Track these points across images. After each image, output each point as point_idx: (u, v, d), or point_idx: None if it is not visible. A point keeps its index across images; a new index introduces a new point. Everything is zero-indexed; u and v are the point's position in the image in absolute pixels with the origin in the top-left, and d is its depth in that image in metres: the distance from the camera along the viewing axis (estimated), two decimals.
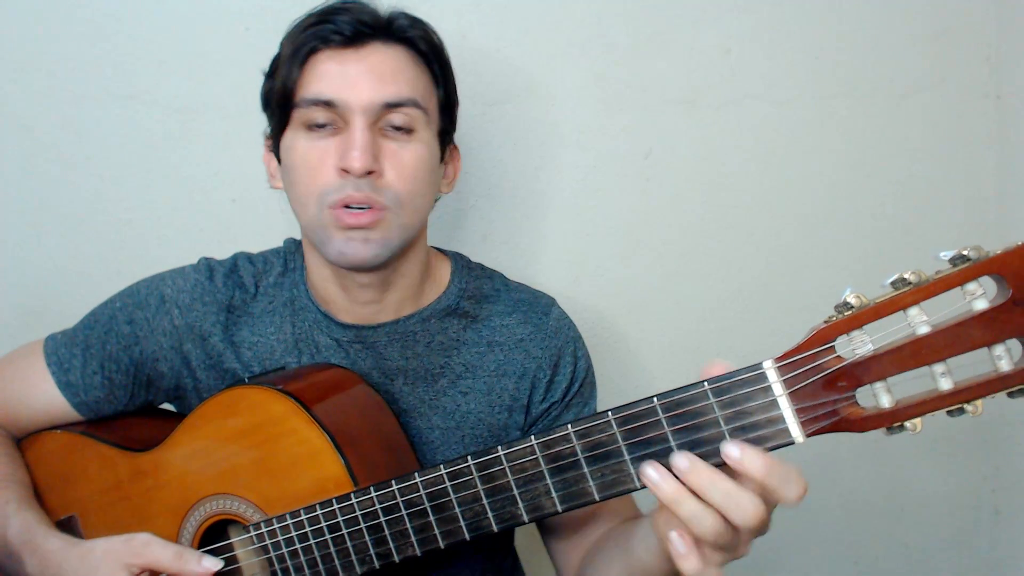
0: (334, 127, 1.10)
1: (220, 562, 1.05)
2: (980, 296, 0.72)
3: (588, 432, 0.85)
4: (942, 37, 1.77)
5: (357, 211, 1.09)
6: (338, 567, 1.01)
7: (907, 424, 0.76)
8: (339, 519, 0.99)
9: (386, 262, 1.14)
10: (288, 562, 1.04)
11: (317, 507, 1.01)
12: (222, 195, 1.64)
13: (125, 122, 1.60)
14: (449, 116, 1.21)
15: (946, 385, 0.74)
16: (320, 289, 1.23)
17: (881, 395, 0.76)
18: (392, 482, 0.96)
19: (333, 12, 1.12)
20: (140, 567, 1.04)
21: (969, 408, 0.74)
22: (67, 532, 1.23)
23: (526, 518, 0.90)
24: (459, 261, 1.31)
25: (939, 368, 0.74)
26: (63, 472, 1.26)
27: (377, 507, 0.97)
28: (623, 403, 0.85)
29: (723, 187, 1.76)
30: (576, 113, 1.69)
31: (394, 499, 0.96)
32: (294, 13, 1.17)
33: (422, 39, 1.16)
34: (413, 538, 0.96)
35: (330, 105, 1.09)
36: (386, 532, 0.97)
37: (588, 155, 1.71)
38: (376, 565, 0.98)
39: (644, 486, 0.83)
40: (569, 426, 0.85)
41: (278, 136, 1.16)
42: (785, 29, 1.72)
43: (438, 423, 1.21)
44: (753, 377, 0.79)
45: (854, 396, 0.77)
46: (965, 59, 1.79)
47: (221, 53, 1.58)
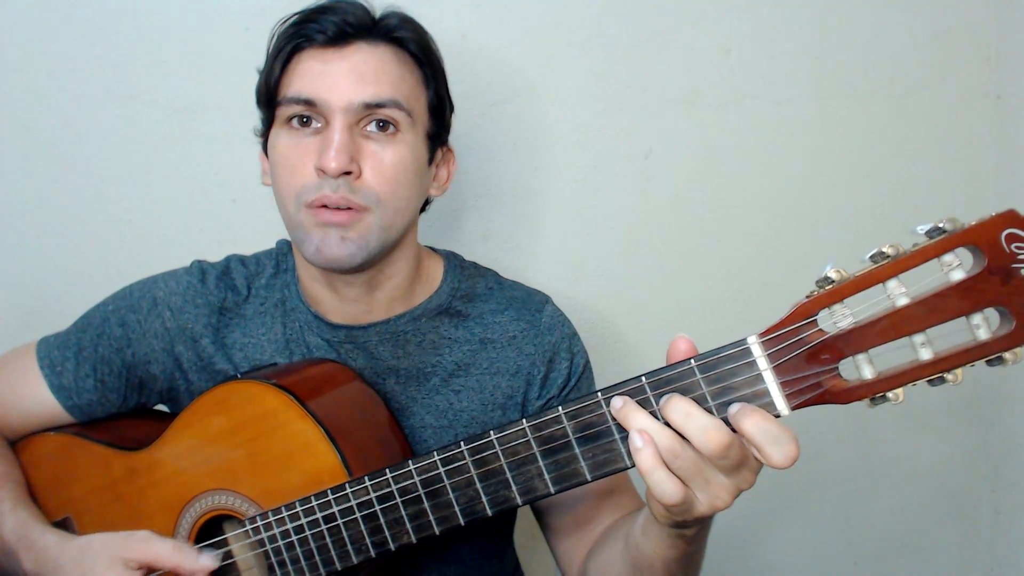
0: (316, 126, 1.10)
1: (218, 558, 1.05)
2: (957, 267, 0.73)
3: (579, 413, 0.86)
4: (942, 37, 1.77)
5: (334, 209, 1.09)
6: (334, 557, 1.01)
7: (889, 395, 0.77)
8: (334, 509, 1.00)
9: (365, 263, 1.13)
10: (284, 554, 1.04)
11: (312, 499, 1.01)
12: (222, 195, 1.64)
13: (125, 122, 1.60)
14: (440, 118, 1.20)
15: (926, 355, 0.75)
16: (310, 289, 1.23)
17: (863, 367, 0.77)
18: (386, 470, 0.96)
19: (321, 11, 1.12)
20: (138, 563, 1.04)
21: (949, 377, 0.75)
22: None
23: (519, 501, 0.91)
24: (452, 260, 1.30)
25: (919, 339, 0.75)
26: (57, 474, 1.25)
27: (372, 496, 0.97)
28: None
29: (723, 187, 1.76)
30: (576, 113, 1.69)
31: (388, 487, 0.96)
32: (289, 14, 1.17)
33: (411, 39, 1.15)
34: (408, 525, 0.96)
35: (310, 104, 1.09)
36: (381, 520, 0.97)
37: (588, 155, 1.71)
38: (372, 553, 0.99)
39: (634, 465, 0.84)
40: (560, 408, 0.86)
41: (266, 133, 1.17)
42: (785, 29, 1.73)
43: (431, 422, 1.21)
44: (738, 352, 0.80)
45: (837, 368, 0.78)
46: (965, 59, 1.79)
47: (221, 53, 1.58)
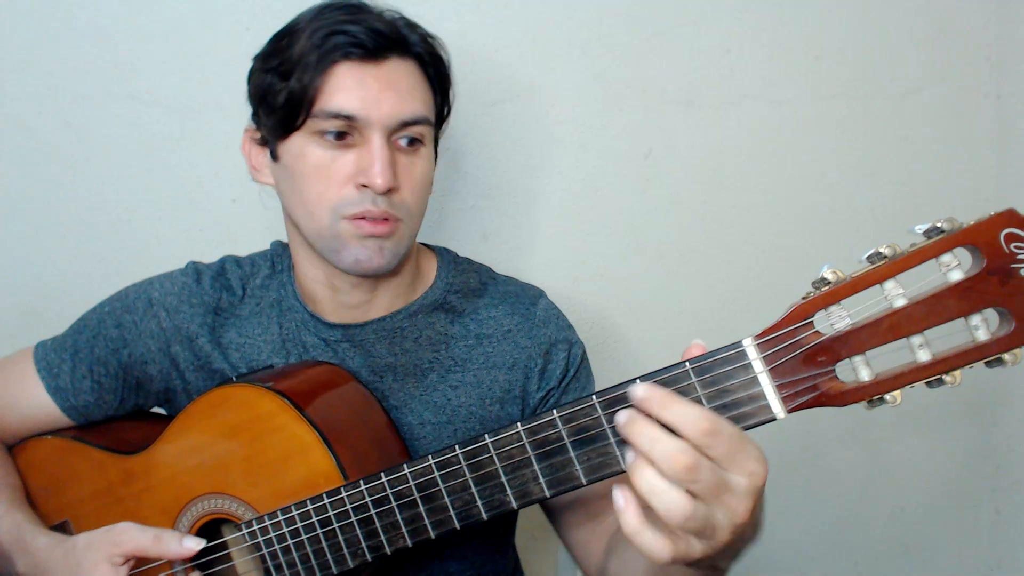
0: (350, 139, 1.10)
1: (201, 541, 1.04)
2: (955, 267, 0.72)
3: (573, 416, 0.85)
4: (942, 37, 1.77)
5: (375, 220, 1.10)
6: (330, 561, 1.01)
7: (887, 397, 0.76)
8: (330, 513, 1.00)
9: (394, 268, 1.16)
10: (280, 558, 1.04)
11: (308, 502, 1.01)
12: (222, 195, 1.64)
13: (125, 122, 1.60)
14: (441, 123, 1.23)
15: (924, 357, 0.74)
16: (308, 289, 1.23)
17: (860, 369, 0.76)
18: (381, 474, 0.96)
19: (347, 20, 1.10)
20: (122, 556, 1.04)
21: (948, 379, 0.74)
22: None
23: (515, 504, 0.90)
24: (445, 256, 1.31)
25: (917, 340, 0.74)
26: (54, 477, 1.25)
27: (367, 500, 0.97)
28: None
29: (723, 187, 1.76)
30: (576, 113, 1.69)
31: (384, 491, 0.96)
32: (294, 13, 1.17)
33: (429, 52, 1.16)
34: (404, 529, 0.96)
35: (350, 119, 1.09)
36: (377, 524, 0.97)
37: (588, 155, 1.71)
38: (368, 558, 0.99)
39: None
40: (555, 411, 0.86)
41: (280, 137, 1.14)
42: (785, 29, 1.72)
43: (429, 418, 1.21)
44: (733, 355, 0.79)
45: (834, 371, 0.77)
46: (965, 59, 1.79)
47: (221, 53, 1.58)
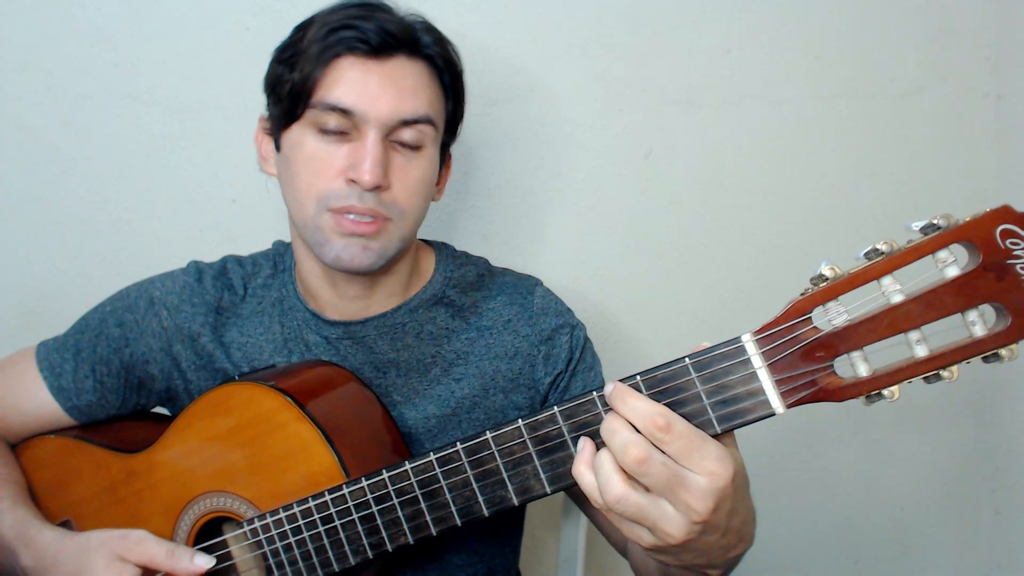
0: (346, 134, 1.10)
1: (212, 559, 1.06)
2: (951, 263, 0.73)
3: (574, 412, 0.86)
4: (942, 37, 1.77)
5: (359, 219, 1.10)
6: (332, 558, 1.01)
7: (885, 392, 0.76)
8: (331, 511, 1.00)
9: (382, 268, 1.16)
10: (282, 556, 1.04)
11: (309, 500, 1.01)
12: (222, 195, 1.64)
13: (125, 122, 1.60)
14: (453, 129, 1.22)
15: (922, 352, 0.75)
16: (309, 286, 1.23)
17: (858, 364, 0.77)
18: (383, 471, 0.96)
19: (359, 17, 1.10)
20: (134, 563, 1.05)
21: (945, 374, 0.75)
22: None
23: (515, 501, 0.91)
24: (443, 251, 1.32)
25: (914, 336, 0.75)
26: (57, 476, 1.26)
27: (369, 497, 0.98)
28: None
29: (723, 187, 1.76)
30: (576, 113, 1.69)
31: (385, 488, 0.97)
32: (294, 13, 1.18)
33: (442, 56, 1.16)
34: (405, 526, 0.96)
35: (346, 113, 1.09)
36: (378, 521, 0.98)
37: (588, 155, 1.71)
38: (369, 555, 0.99)
39: None
40: (555, 407, 0.86)
41: (282, 126, 1.15)
42: (785, 29, 1.73)
43: (434, 412, 1.21)
44: (732, 351, 0.80)
45: (832, 366, 0.77)
46: (965, 59, 1.79)
47: (221, 53, 1.58)
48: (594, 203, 1.73)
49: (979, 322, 0.73)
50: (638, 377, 0.82)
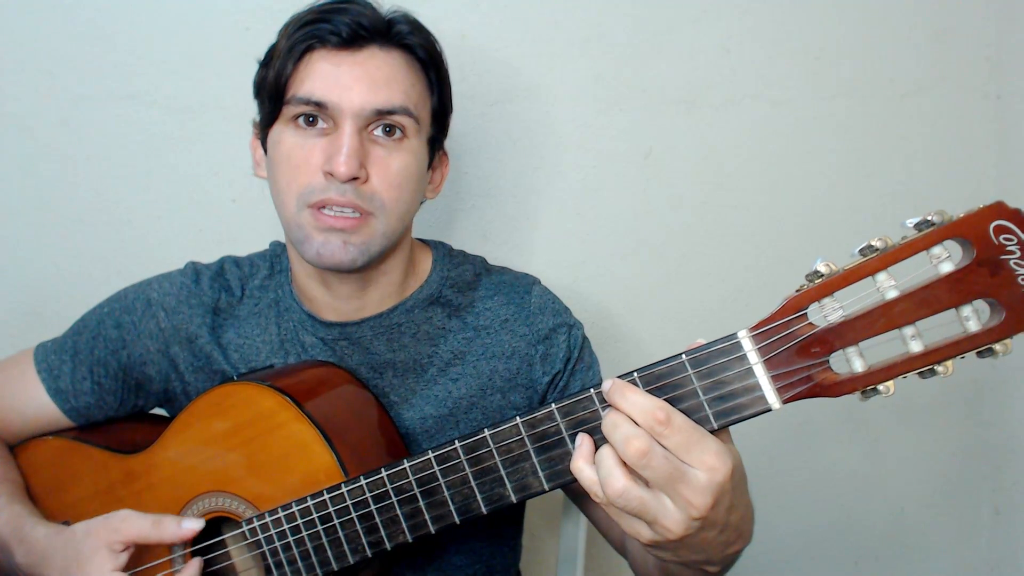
0: (323, 127, 1.10)
1: (200, 522, 1.06)
2: (946, 259, 0.73)
3: (572, 409, 0.86)
4: (942, 37, 1.77)
5: (339, 214, 1.09)
6: (331, 558, 1.01)
7: (880, 387, 0.77)
8: (330, 510, 1.00)
9: (365, 265, 1.14)
10: (282, 555, 1.04)
11: (308, 499, 1.01)
12: (222, 195, 1.64)
13: (125, 122, 1.60)
14: (441, 123, 1.21)
15: (916, 347, 0.75)
16: (304, 287, 1.23)
17: (854, 360, 0.77)
18: (381, 470, 0.97)
19: (333, 11, 1.11)
20: (122, 543, 1.04)
21: (940, 369, 0.75)
22: None
23: (514, 498, 0.91)
24: (440, 250, 1.31)
25: (909, 331, 0.75)
26: (56, 478, 1.26)
27: (367, 496, 0.98)
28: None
29: (723, 187, 1.76)
30: (576, 113, 1.69)
31: (384, 487, 0.97)
32: (293, 12, 1.17)
33: (421, 46, 1.15)
34: (404, 524, 0.96)
35: (320, 106, 1.09)
36: (377, 520, 0.98)
37: (588, 155, 1.71)
38: (368, 554, 0.99)
39: None
40: (553, 404, 0.86)
41: (266, 127, 1.16)
42: (785, 29, 1.73)
43: (431, 412, 1.21)
44: (729, 347, 0.80)
45: (828, 362, 0.78)
46: (965, 59, 1.79)
47: (221, 53, 1.59)
48: (594, 203, 1.73)
49: (973, 317, 0.74)
50: (635, 374, 0.83)
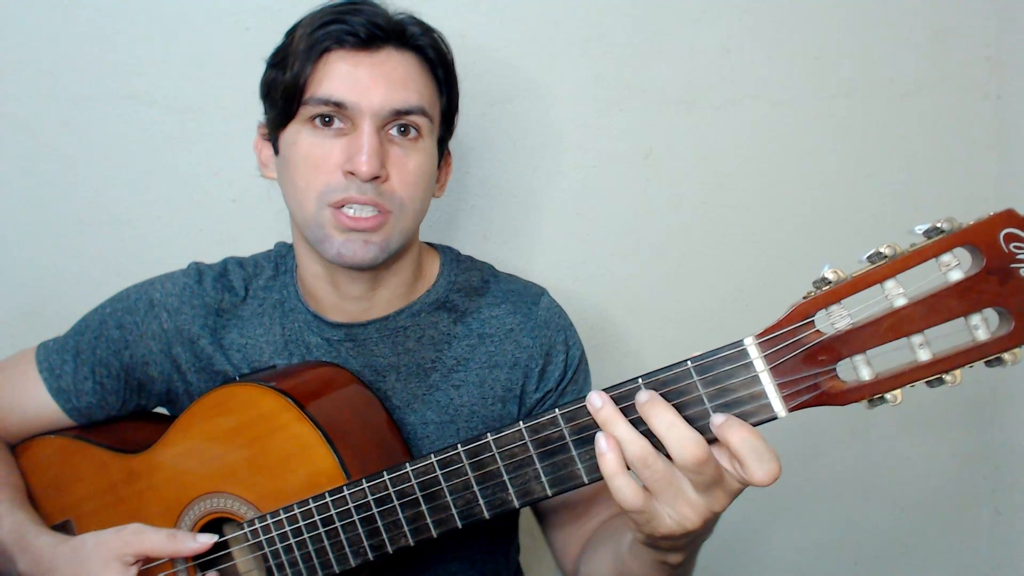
0: (341, 127, 1.11)
1: (214, 536, 1.06)
2: (955, 267, 0.73)
3: (575, 415, 0.85)
4: (942, 37, 1.77)
5: (359, 213, 1.10)
6: (332, 560, 1.01)
7: (887, 396, 0.76)
8: (332, 512, 1.00)
9: (383, 263, 1.15)
10: (283, 557, 1.04)
11: (310, 501, 1.01)
12: (222, 195, 1.64)
13: (125, 122, 1.60)
14: (448, 124, 1.22)
15: (925, 356, 0.75)
16: (310, 287, 1.23)
17: (861, 368, 0.77)
18: (384, 473, 0.96)
19: (347, 12, 1.11)
20: (134, 556, 1.04)
21: (948, 378, 0.75)
22: None
23: (517, 503, 0.91)
24: (448, 254, 1.31)
25: (917, 339, 0.75)
26: (57, 477, 1.26)
27: (369, 499, 0.97)
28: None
29: (723, 187, 1.76)
30: (576, 113, 1.69)
31: (386, 490, 0.96)
32: (294, 13, 1.17)
33: (431, 47, 1.16)
34: (406, 528, 0.96)
35: (339, 106, 1.09)
36: (379, 523, 0.97)
37: (588, 155, 1.71)
38: (370, 557, 0.99)
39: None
40: (556, 410, 0.86)
41: (279, 128, 1.15)
42: (785, 29, 1.72)
43: (432, 417, 1.21)
44: (735, 354, 0.80)
45: (834, 370, 0.77)
46: (965, 59, 1.79)
47: (221, 53, 1.58)
48: (594, 203, 1.73)
49: (982, 326, 0.73)
50: (640, 380, 0.82)
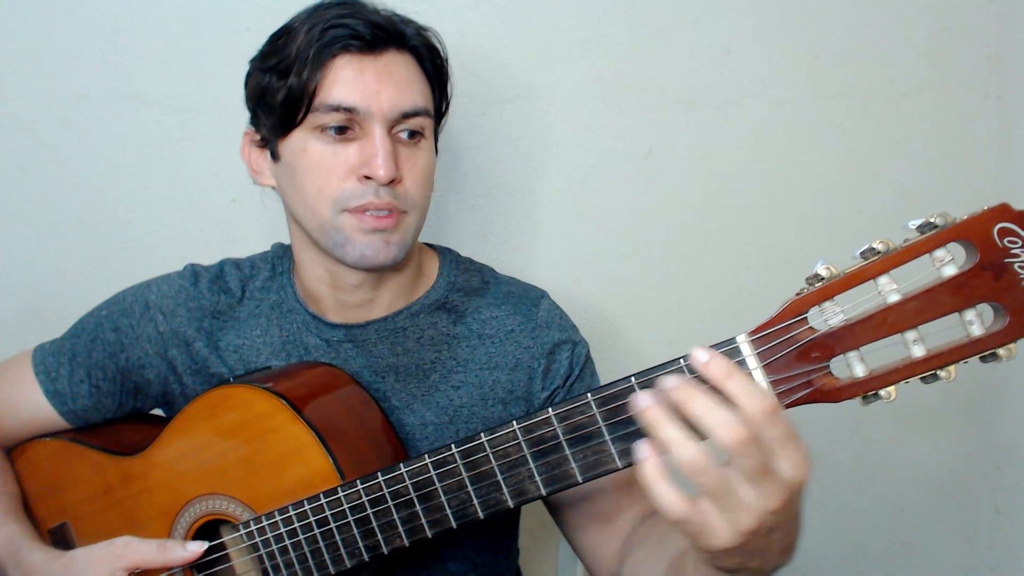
0: (350, 133, 1.10)
1: (204, 544, 1.06)
2: (949, 262, 0.73)
3: (569, 415, 0.85)
4: (942, 37, 1.77)
5: (378, 213, 1.10)
6: (327, 561, 1.01)
7: (882, 392, 0.76)
8: (327, 513, 1.00)
9: (401, 261, 1.16)
10: (278, 559, 1.04)
11: (305, 503, 1.01)
12: (222, 195, 1.64)
13: (125, 122, 1.60)
14: (440, 119, 1.23)
15: (919, 352, 0.74)
16: (311, 289, 1.23)
17: (855, 364, 0.76)
18: (378, 474, 0.96)
19: (345, 15, 1.10)
20: (126, 569, 1.04)
21: (942, 374, 0.75)
22: (59, 539, 1.24)
23: (511, 503, 0.91)
24: (447, 255, 1.31)
25: (911, 335, 0.74)
26: (53, 479, 1.26)
27: (364, 499, 0.97)
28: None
29: (723, 187, 1.76)
30: (576, 113, 1.69)
31: (380, 491, 0.96)
32: (294, 13, 1.17)
33: (426, 46, 1.16)
34: (401, 529, 0.96)
35: (349, 111, 1.09)
36: (374, 524, 0.98)
37: (588, 155, 1.71)
38: (365, 557, 0.99)
39: (626, 466, 0.84)
40: (550, 410, 0.86)
41: (280, 135, 1.14)
42: (785, 29, 1.72)
43: (431, 419, 1.21)
44: (727, 351, 0.79)
45: (828, 367, 0.77)
46: (965, 59, 1.79)
47: (221, 53, 1.58)
48: (594, 203, 1.73)
49: (977, 321, 0.73)
50: (633, 379, 0.82)
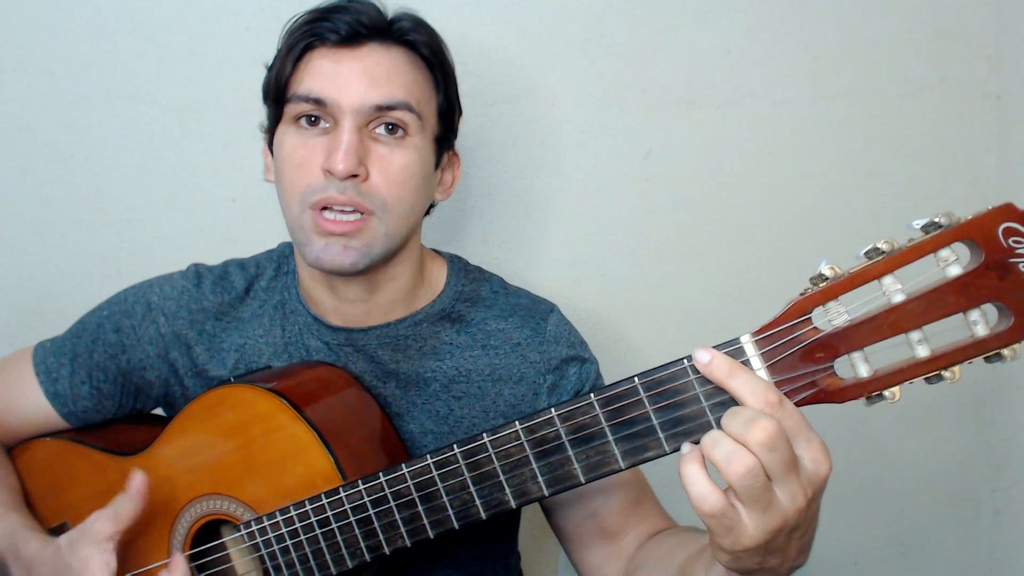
0: (324, 126, 1.09)
1: (142, 473, 1.03)
2: (953, 262, 0.72)
3: (572, 415, 0.85)
4: (942, 37, 1.77)
5: (339, 217, 1.08)
6: (329, 562, 1.01)
7: (886, 393, 0.76)
8: (328, 514, 0.99)
9: (367, 268, 1.12)
10: (280, 559, 1.04)
11: (306, 503, 1.01)
12: (222, 195, 1.64)
13: (125, 122, 1.60)
14: (448, 122, 1.19)
15: (923, 352, 0.74)
16: (310, 290, 1.21)
17: (859, 365, 0.76)
18: (380, 474, 0.96)
19: (334, 10, 1.11)
20: (105, 539, 1.02)
21: (947, 375, 0.74)
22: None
23: (513, 504, 0.90)
24: (456, 263, 1.28)
25: (915, 336, 0.74)
26: (54, 479, 1.25)
27: (366, 500, 0.97)
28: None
29: (723, 187, 1.76)
30: (576, 113, 1.69)
31: (382, 491, 0.96)
32: (294, 13, 1.17)
33: (424, 43, 1.14)
34: (403, 529, 0.96)
35: (320, 103, 1.08)
36: (375, 525, 0.97)
37: (588, 155, 1.71)
38: (367, 558, 0.98)
39: (627, 467, 0.84)
40: (552, 410, 0.86)
41: (271, 130, 1.16)
42: (785, 29, 1.72)
43: (431, 427, 1.20)
44: (731, 352, 0.79)
45: (832, 367, 0.77)
46: (965, 59, 1.79)
47: (221, 53, 1.58)
48: (594, 203, 1.73)
49: (981, 322, 0.73)
50: (636, 380, 0.82)
